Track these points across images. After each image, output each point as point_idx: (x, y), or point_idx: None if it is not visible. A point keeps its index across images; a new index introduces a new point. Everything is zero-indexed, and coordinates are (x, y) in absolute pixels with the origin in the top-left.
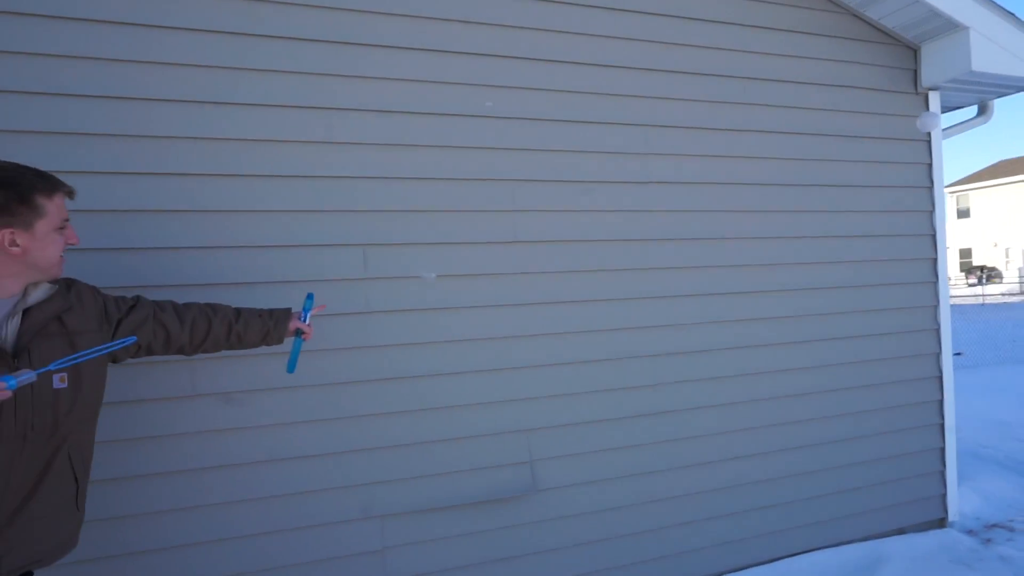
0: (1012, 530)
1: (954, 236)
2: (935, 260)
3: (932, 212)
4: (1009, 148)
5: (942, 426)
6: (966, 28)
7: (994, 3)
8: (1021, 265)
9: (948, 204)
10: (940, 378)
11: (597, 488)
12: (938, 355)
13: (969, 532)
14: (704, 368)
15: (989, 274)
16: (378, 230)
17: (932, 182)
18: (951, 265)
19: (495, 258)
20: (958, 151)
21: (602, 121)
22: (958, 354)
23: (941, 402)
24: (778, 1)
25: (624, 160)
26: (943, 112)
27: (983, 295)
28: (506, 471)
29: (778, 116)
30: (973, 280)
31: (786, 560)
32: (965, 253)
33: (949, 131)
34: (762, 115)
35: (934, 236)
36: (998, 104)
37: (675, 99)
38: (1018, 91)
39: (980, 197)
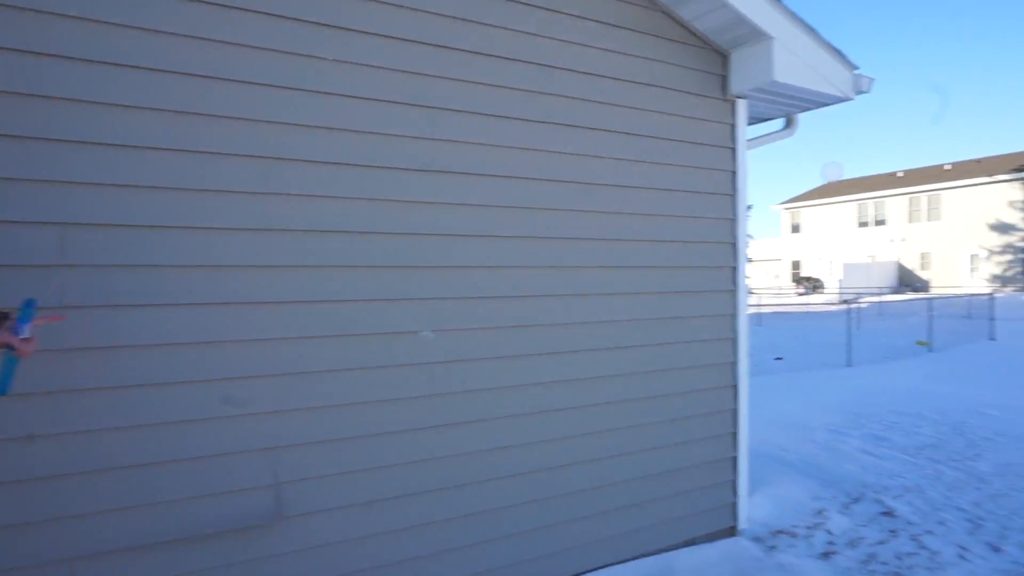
0: (795, 536)
1: (787, 249)
2: (735, 269)
3: (734, 220)
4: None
5: (735, 435)
6: (771, 38)
7: (798, 17)
8: (841, 277)
9: (783, 219)
10: (735, 387)
11: (359, 512)
12: (734, 364)
13: (757, 539)
14: (485, 377)
15: (815, 285)
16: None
17: (735, 190)
18: (784, 276)
19: (238, 248)
20: (802, 169)
21: (383, 98)
22: (778, 359)
23: (735, 411)
24: None
25: (404, 144)
26: (754, 123)
27: (808, 304)
28: (244, 496)
29: (587, 110)
30: (802, 290)
31: None
32: (796, 265)
33: (755, 142)
34: (568, 107)
35: (735, 244)
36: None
37: (464, 81)
38: (818, 107)
39: (810, 214)
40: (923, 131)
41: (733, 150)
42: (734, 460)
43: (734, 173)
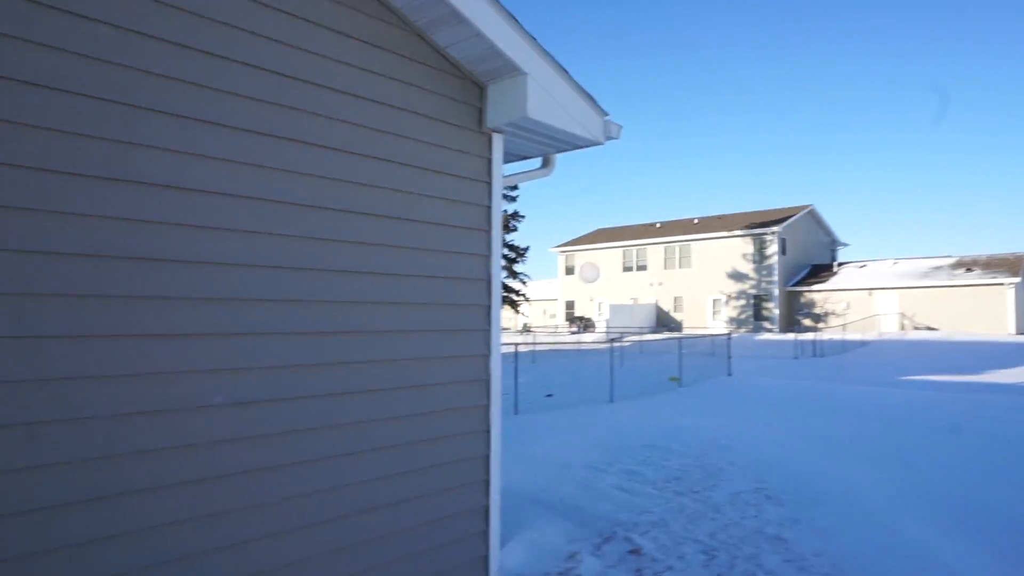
0: None
1: (562, 290)
2: (489, 307)
3: (488, 257)
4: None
5: (487, 483)
6: (525, 74)
7: (552, 57)
8: (608, 318)
9: (559, 261)
10: (488, 432)
11: None
12: (487, 408)
13: None
14: (177, 431)
15: (586, 324)
16: None
17: (491, 225)
18: (559, 315)
19: None
20: (582, 212)
21: (74, 91)
22: (549, 395)
23: (487, 458)
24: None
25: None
26: (513, 160)
27: (580, 342)
28: None
29: (332, 129)
30: (574, 328)
31: None
32: (570, 305)
33: (512, 178)
34: (309, 124)
35: (489, 281)
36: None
37: (168, 78)
38: (573, 148)
39: (583, 257)
40: (680, 184)
41: (489, 184)
42: (486, 510)
43: (489, 208)
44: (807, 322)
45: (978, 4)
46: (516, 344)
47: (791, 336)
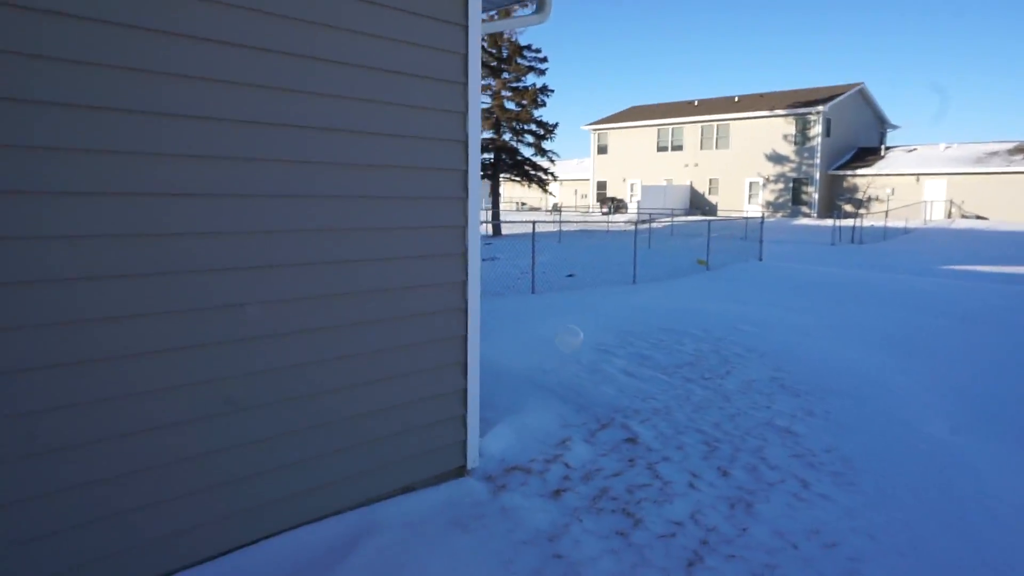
0: (530, 472)
1: (594, 170)
2: (465, 172)
3: (465, 114)
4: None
5: (464, 364)
6: None
7: None
8: (640, 199)
9: (591, 140)
10: (465, 311)
11: None
12: (464, 284)
13: (487, 479)
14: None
15: (617, 205)
16: None
17: (467, 77)
18: (590, 195)
19: None
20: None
21: None
22: (570, 275)
23: (465, 338)
24: None
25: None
26: (499, 6)
27: (609, 223)
28: None
29: None
30: (605, 209)
31: (243, 551)
32: (601, 185)
33: (501, 23)
34: None
35: (466, 143)
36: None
37: None
38: None
39: (616, 136)
40: (721, 61)
41: (465, 28)
42: (463, 392)
43: (465, 56)
44: (848, 208)
45: None
46: (534, 222)
47: (830, 222)
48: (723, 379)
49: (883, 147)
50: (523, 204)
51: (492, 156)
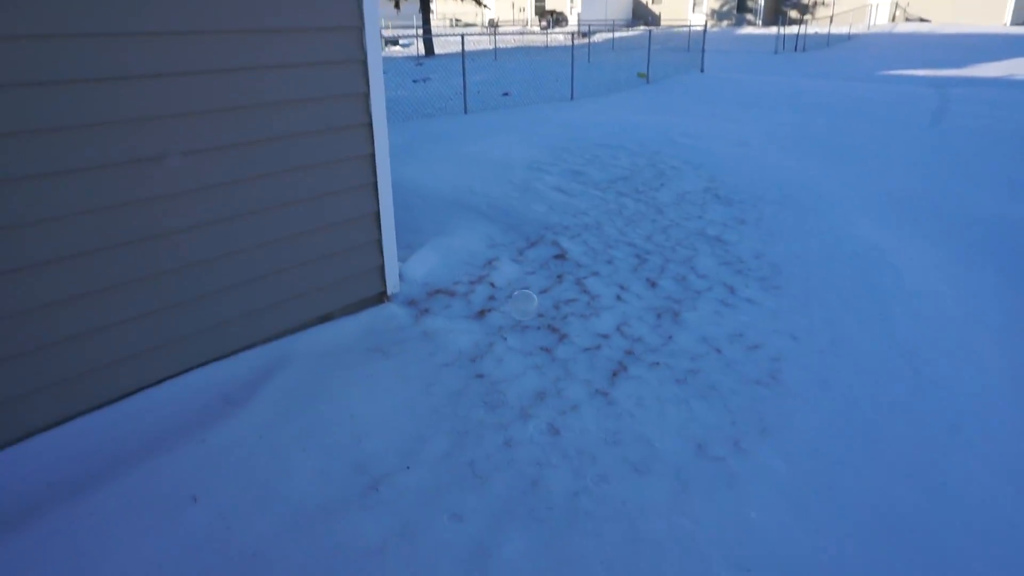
0: (454, 294)
1: None
2: None
3: None
4: None
5: (375, 186)
6: None
7: None
8: (580, 11)
9: None
10: (370, 126)
11: None
12: (366, 96)
13: (410, 304)
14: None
15: (557, 19)
16: None
17: None
18: (528, 9)
19: None
20: None
21: None
22: (505, 94)
23: (372, 157)
24: None
25: None
26: None
27: (548, 37)
28: None
29: None
30: (545, 24)
31: (149, 391)
32: None
33: None
34: None
35: None
36: None
37: None
38: None
39: None
40: None
41: None
42: (376, 216)
43: None
44: (793, 14)
45: None
46: (463, 35)
47: (774, 30)
48: (657, 192)
49: None
50: (457, 21)
51: None
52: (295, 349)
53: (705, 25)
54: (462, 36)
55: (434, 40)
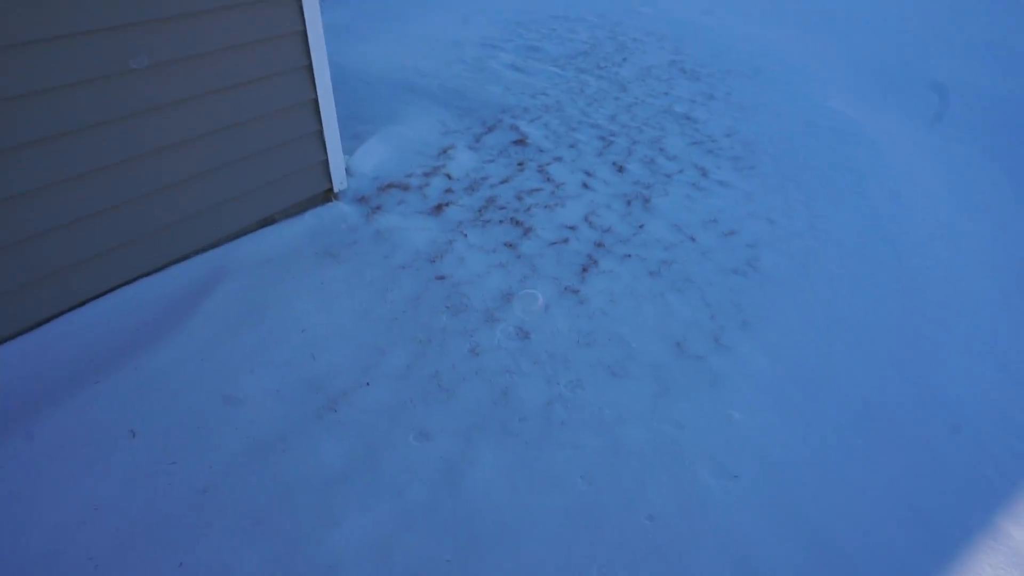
0: (407, 188)
1: None
2: None
3: None
4: None
5: (310, 68)
6: None
7: None
8: None
9: None
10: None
11: None
12: None
13: (360, 201)
14: None
15: None
16: None
17: None
18: None
19: None
20: None
21: None
22: None
23: (304, 34)
24: None
25: None
26: None
27: None
28: None
29: None
30: None
31: (65, 317)
32: None
33: None
34: None
35: None
36: None
37: None
38: None
39: None
40: None
41: None
42: (315, 104)
43: None
44: None
45: None
46: None
47: None
48: (619, 67)
49: None
50: None
51: None
52: (235, 258)
53: None
54: None
55: None
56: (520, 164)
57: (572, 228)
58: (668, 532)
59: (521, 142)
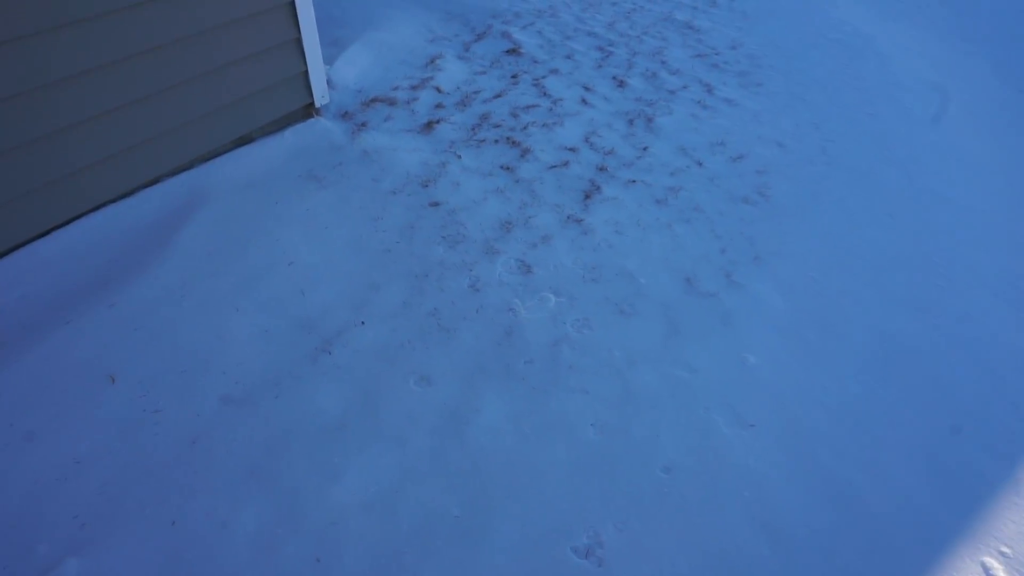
0: (394, 103)
1: None
2: None
3: None
4: None
5: None
6: None
7: None
8: None
9: None
10: None
11: None
12: None
13: (343, 117)
14: None
15: None
16: None
17: None
18: None
19: None
20: None
21: None
22: None
23: None
24: None
25: None
26: None
27: None
28: None
29: None
30: None
31: (29, 247)
32: None
33: None
34: None
35: None
36: None
37: None
38: None
39: None
40: None
41: None
42: (290, 8)
43: None
44: None
45: None
46: None
47: None
48: None
49: None
50: None
51: None
52: (212, 182)
53: None
54: None
55: None
56: (514, 77)
57: (572, 150)
58: (685, 486)
59: (514, 51)
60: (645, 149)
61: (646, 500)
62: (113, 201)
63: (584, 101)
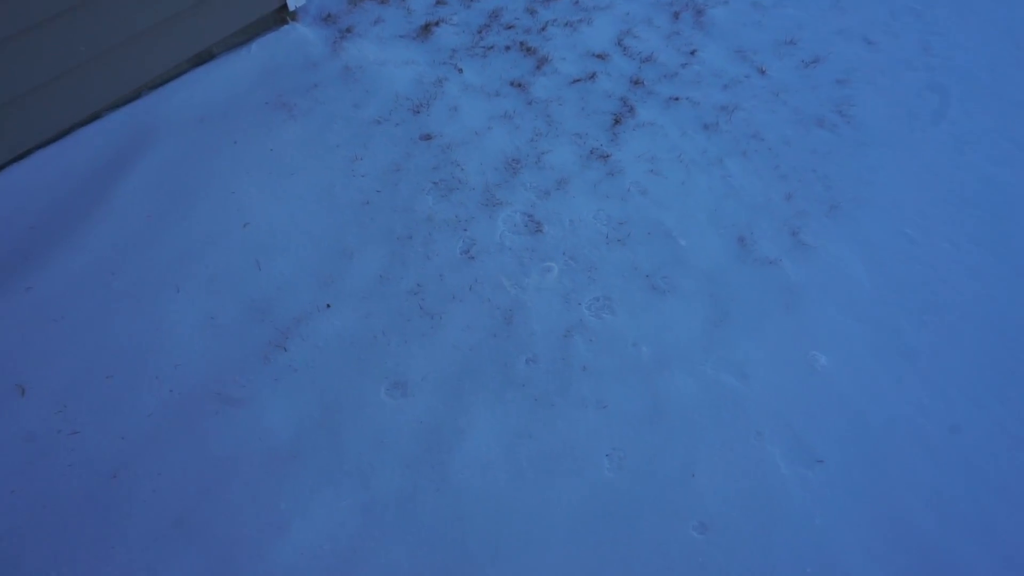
0: (385, 2)
1: None
2: None
3: None
4: None
5: None
6: None
7: None
8: None
9: None
10: None
11: None
12: None
13: (323, 21)
14: None
15: None
16: None
17: None
18: None
19: None
20: None
21: None
22: None
23: None
24: None
25: None
26: None
27: None
28: None
29: None
30: None
31: None
32: None
33: None
34: None
35: None
36: None
37: None
38: None
39: None
40: None
41: None
42: None
43: None
44: None
45: None
46: None
47: None
48: None
49: None
50: None
51: None
52: (161, 115)
53: None
54: None
55: None
56: None
57: (601, 57)
58: (725, 554)
59: None
60: (693, 53)
61: (675, 571)
62: (41, 146)
63: None
